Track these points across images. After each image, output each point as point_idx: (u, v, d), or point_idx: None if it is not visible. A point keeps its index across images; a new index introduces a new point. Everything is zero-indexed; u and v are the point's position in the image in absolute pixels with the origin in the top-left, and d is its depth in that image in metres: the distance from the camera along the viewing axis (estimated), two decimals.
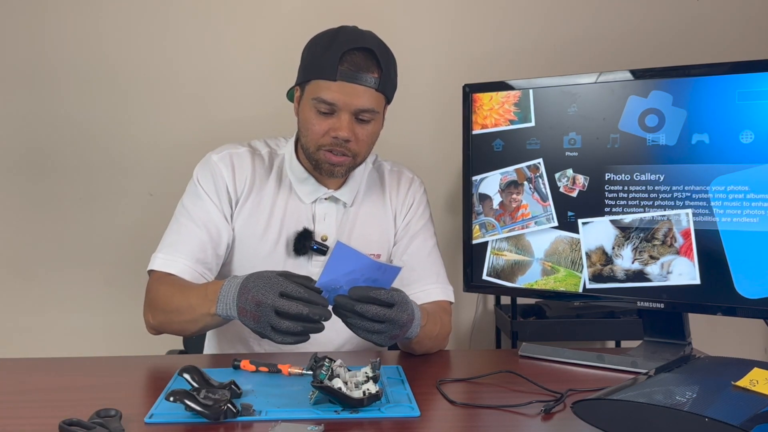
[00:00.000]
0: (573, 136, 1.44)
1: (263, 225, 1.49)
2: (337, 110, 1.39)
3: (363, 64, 1.38)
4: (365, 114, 1.41)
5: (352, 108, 1.39)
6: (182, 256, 1.42)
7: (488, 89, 1.52)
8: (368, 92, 1.39)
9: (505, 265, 1.52)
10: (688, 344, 1.39)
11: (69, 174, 2.35)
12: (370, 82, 1.39)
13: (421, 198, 1.61)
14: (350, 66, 1.38)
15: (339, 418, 1.05)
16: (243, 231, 1.49)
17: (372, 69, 1.39)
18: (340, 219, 1.52)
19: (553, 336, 2.21)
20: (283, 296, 1.13)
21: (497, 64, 2.37)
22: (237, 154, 1.51)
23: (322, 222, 1.50)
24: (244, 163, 1.50)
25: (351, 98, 1.38)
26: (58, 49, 2.32)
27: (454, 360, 1.52)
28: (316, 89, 1.40)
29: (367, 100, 1.39)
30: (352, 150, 1.43)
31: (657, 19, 2.41)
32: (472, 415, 1.12)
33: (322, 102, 1.39)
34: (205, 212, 1.46)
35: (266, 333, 1.15)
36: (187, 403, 1.03)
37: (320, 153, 1.43)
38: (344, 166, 1.44)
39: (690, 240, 1.33)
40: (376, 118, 1.43)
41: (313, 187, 1.51)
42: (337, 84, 1.38)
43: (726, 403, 0.91)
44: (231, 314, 1.22)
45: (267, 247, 1.48)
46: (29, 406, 1.15)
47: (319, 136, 1.42)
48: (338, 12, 2.35)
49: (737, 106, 1.28)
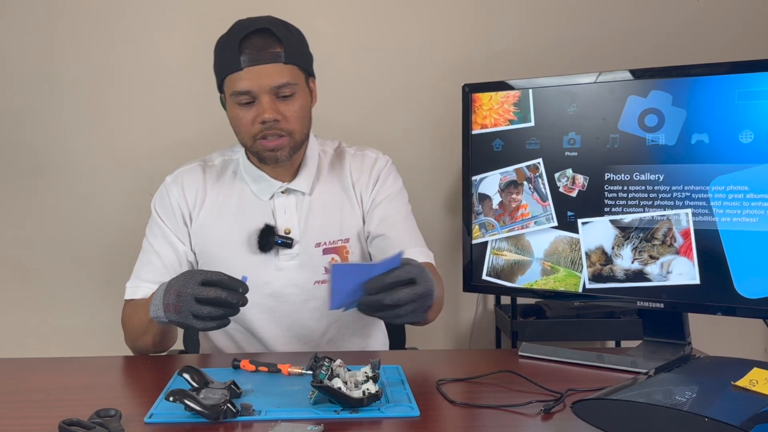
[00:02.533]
0: (573, 136, 1.44)
1: (225, 230, 1.51)
2: (255, 97, 1.40)
3: (262, 43, 1.40)
4: (284, 89, 1.41)
5: (266, 88, 1.40)
6: (146, 282, 1.48)
7: (488, 89, 1.52)
8: (276, 67, 1.40)
9: (505, 265, 1.52)
10: (687, 344, 1.39)
11: (69, 174, 2.35)
12: (275, 58, 1.40)
13: (388, 171, 1.60)
14: (251, 50, 1.39)
15: (339, 417, 1.05)
16: (204, 241, 1.52)
17: (272, 45, 1.40)
18: (299, 210, 1.52)
19: (553, 336, 2.21)
20: (203, 285, 1.19)
21: (497, 64, 2.37)
22: (188, 170, 1.57)
23: (283, 215, 1.51)
24: (195, 177, 1.55)
25: (261, 79, 1.39)
26: (58, 49, 2.32)
27: (454, 360, 1.52)
28: (230, 84, 1.42)
29: (278, 75, 1.40)
30: (285, 129, 1.43)
31: (657, 19, 2.41)
32: (472, 415, 1.12)
33: (239, 94, 1.40)
34: (162, 238, 1.52)
35: (188, 321, 1.21)
36: (186, 403, 1.03)
37: (257, 144, 1.44)
38: (284, 149, 1.44)
39: (690, 240, 1.33)
40: (297, 91, 1.43)
41: (267, 183, 1.52)
42: (245, 71, 1.39)
43: (726, 403, 0.91)
44: (159, 314, 1.27)
45: (232, 251, 1.50)
46: (29, 406, 1.15)
47: (249, 127, 1.43)
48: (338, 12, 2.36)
49: (737, 106, 1.28)
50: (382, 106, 2.39)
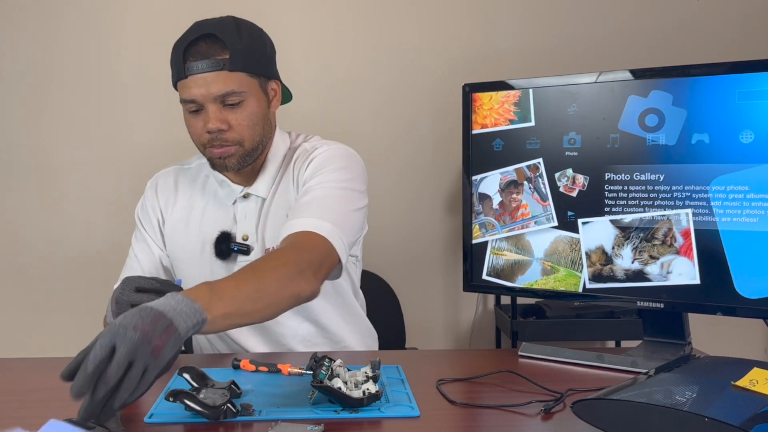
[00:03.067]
0: (573, 136, 1.44)
1: (191, 234, 1.52)
2: (201, 105, 1.38)
3: (206, 50, 1.35)
4: (230, 97, 1.37)
5: (210, 97, 1.36)
6: None
7: (488, 89, 1.52)
8: (221, 76, 1.35)
9: (505, 265, 1.52)
10: (688, 344, 1.39)
11: (69, 174, 2.35)
12: (219, 66, 1.35)
13: (327, 157, 1.45)
14: (194, 57, 1.35)
15: (339, 417, 1.05)
16: (173, 246, 1.54)
17: (217, 52, 1.35)
18: (258, 216, 1.49)
19: (553, 336, 2.21)
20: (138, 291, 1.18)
21: (497, 64, 2.37)
22: (163, 174, 1.59)
23: (243, 221, 1.49)
24: (168, 182, 1.57)
25: (205, 88, 1.35)
26: (57, 49, 2.32)
27: (454, 360, 1.52)
28: (180, 91, 1.40)
29: (222, 84, 1.35)
30: (232, 138, 1.39)
31: (657, 19, 2.41)
32: (472, 415, 1.12)
33: (185, 102, 1.39)
34: (142, 242, 1.55)
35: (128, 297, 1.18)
36: (186, 403, 1.03)
37: (207, 151, 1.43)
38: (234, 156, 1.41)
39: (690, 240, 1.33)
40: (246, 98, 1.39)
41: (230, 188, 1.51)
42: (189, 79, 1.36)
43: (726, 403, 0.91)
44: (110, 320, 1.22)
45: (195, 255, 1.51)
46: (29, 406, 1.15)
47: (199, 135, 1.41)
48: (338, 12, 2.36)
49: (737, 106, 1.28)
50: (382, 106, 2.39)
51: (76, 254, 2.36)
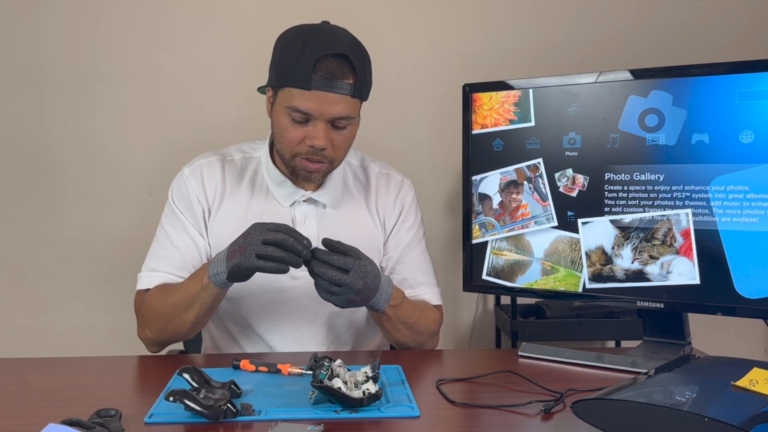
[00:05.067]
0: (573, 136, 1.44)
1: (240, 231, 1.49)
2: (312, 119, 1.37)
3: (338, 71, 1.34)
4: (341, 121, 1.38)
5: (327, 117, 1.36)
6: (163, 274, 1.47)
7: (488, 89, 1.52)
8: (343, 100, 1.36)
9: (505, 265, 1.52)
10: (687, 344, 1.39)
11: (69, 174, 2.35)
12: (345, 90, 1.35)
13: (412, 202, 1.60)
14: (324, 74, 1.34)
15: (339, 417, 1.05)
16: (219, 239, 1.48)
17: (347, 75, 1.35)
18: (320, 221, 1.50)
19: (553, 336, 2.21)
20: (272, 231, 1.25)
21: (497, 64, 2.37)
22: (207, 164, 1.53)
23: (303, 224, 1.49)
24: (214, 172, 1.51)
25: (326, 107, 1.35)
26: (57, 50, 2.32)
27: (454, 360, 1.52)
28: (290, 97, 1.37)
29: (342, 107, 1.36)
30: (329, 156, 1.41)
31: (657, 19, 2.41)
32: (472, 415, 1.12)
33: (297, 111, 1.36)
34: (181, 230, 1.49)
35: (250, 261, 1.23)
36: (186, 403, 1.03)
37: (296, 160, 1.42)
38: (323, 172, 1.44)
39: (690, 240, 1.33)
40: (352, 123, 1.41)
41: (291, 189, 1.50)
42: (312, 93, 1.34)
43: (726, 403, 0.91)
44: (220, 269, 1.29)
45: None
46: (29, 406, 1.15)
47: (295, 144, 1.40)
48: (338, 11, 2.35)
49: (737, 106, 1.28)
50: (382, 106, 2.39)
51: (76, 254, 2.36)
